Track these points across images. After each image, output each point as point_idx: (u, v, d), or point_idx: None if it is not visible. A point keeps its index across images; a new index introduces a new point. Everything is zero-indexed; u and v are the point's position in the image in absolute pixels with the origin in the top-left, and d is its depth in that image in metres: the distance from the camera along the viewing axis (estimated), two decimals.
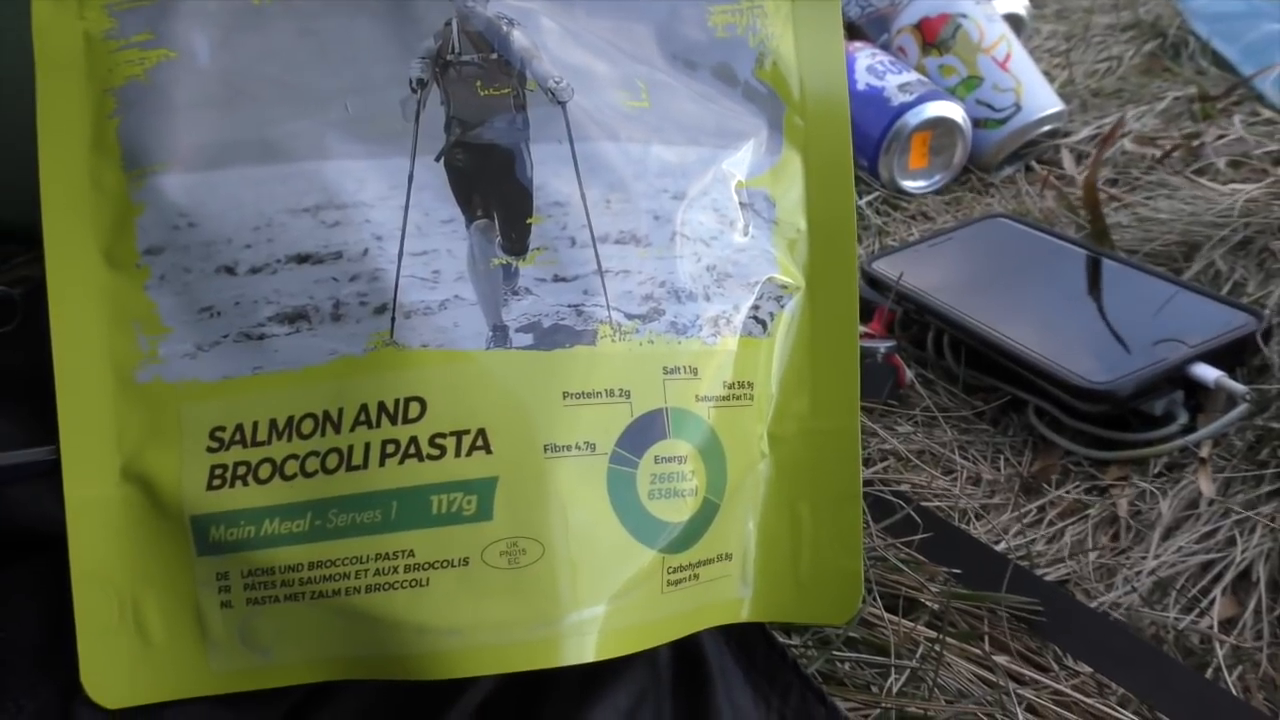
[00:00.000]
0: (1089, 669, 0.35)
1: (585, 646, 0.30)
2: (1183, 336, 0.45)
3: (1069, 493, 0.43)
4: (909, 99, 0.65)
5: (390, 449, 0.30)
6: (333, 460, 0.30)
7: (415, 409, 0.30)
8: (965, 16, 0.70)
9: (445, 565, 0.29)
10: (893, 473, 0.44)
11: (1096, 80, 0.79)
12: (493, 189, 0.32)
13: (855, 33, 0.77)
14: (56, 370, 0.31)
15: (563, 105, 0.33)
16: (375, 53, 0.32)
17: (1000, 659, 0.35)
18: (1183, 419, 0.44)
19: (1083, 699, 0.33)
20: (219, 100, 0.32)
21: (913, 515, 0.40)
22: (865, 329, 0.51)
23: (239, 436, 0.31)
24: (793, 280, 0.35)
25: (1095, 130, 0.70)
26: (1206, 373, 0.43)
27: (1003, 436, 0.46)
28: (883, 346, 0.48)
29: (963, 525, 0.41)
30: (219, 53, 0.32)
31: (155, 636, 0.31)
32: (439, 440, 0.30)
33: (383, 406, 0.30)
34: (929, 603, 0.37)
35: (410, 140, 0.32)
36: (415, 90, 0.32)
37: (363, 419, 0.30)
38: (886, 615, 0.36)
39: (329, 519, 0.30)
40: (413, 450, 0.30)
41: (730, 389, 0.33)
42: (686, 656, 0.33)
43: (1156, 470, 0.43)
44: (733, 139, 0.35)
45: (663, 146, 0.34)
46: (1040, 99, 0.68)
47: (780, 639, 0.34)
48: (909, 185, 0.67)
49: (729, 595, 0.34)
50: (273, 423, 0.31)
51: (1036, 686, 0.34)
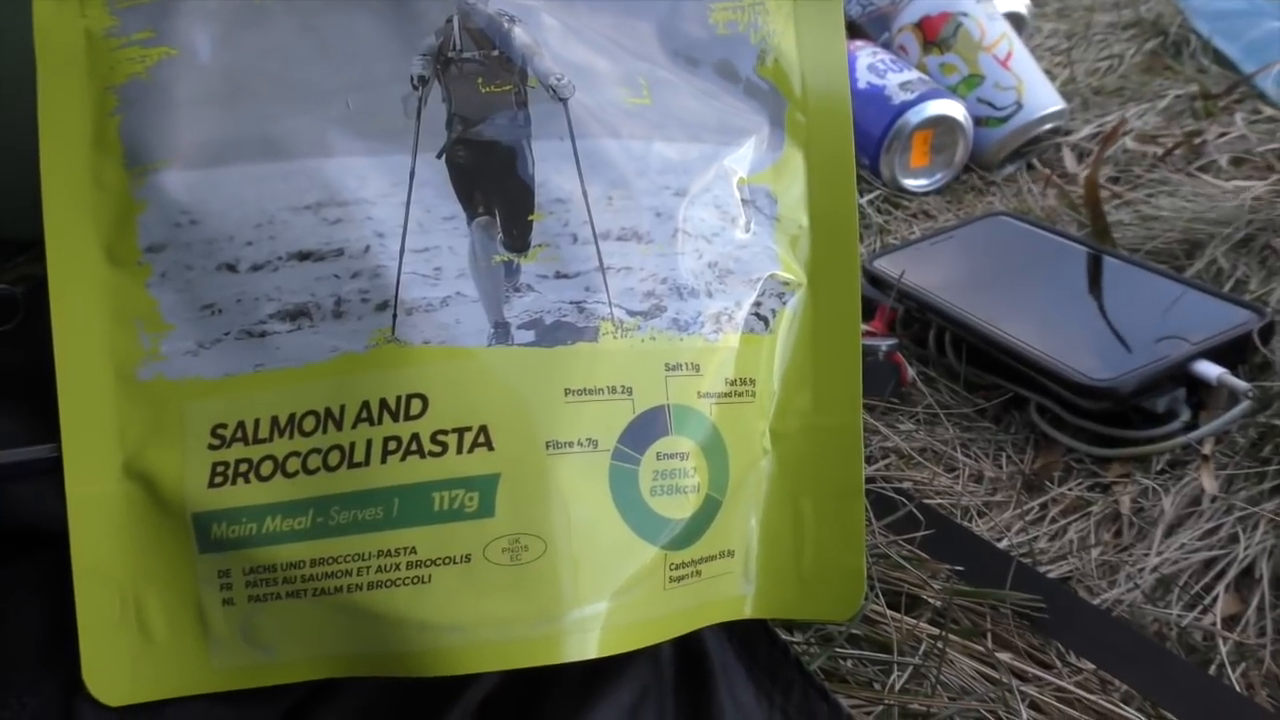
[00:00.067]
0: (1092, 666, 0.34)
1: (587, 643, 0.30)
2: (1185, 334, 0.45)
3: (1071, 490, 0.43)
4: (910, 97, 0.65)
5: (392, 446, 0.30)
6: (334, 457, 0.30)
7: (417, 406, 0.30)
8: (966, 15, 0.70)
9: (447, 562, 0.29)
10: (895, 470, 0.44)
11: (1098, 78, 0.78)
12: (494, 186, 0.32)
13: (856, 31, 0.77)
14: (58, 368, 0.31)
15: (564, 102, 0.33)
16: (376, 49, 0.32)
17: (1003, 656, 0.35)
18: (1185, 416, 0.44)
19: (1086, 696, 0.33)
20: (220, 97, 0.32)
21: (915, 512, 0.40)
22: (867, 327, 0.51)
23: (241, 434, 0.31)
24: (795, 277, 0.35)
25: (1097, 128, 0.70)
26: (1209, 370, 0.43)
27: (1005, 434, 0.46)
28: (884, 344, 0.48)
29: (965, 522, 0.41)
30: (220, 50, 0.32)
31: (157, 634, 0.31)
32: (441, 437, 0.30)
33: (384, 403, 0.30)
34: (931, 600, 0.37)
35: (412, 137, 0.32)
36: (417, 87, 0.32)
37: (364, 416, 0.30)
38: (889, 612, 0.36)
39: (331, 516, 0.30)
40: (414, 447, 0.30)
41: (732, 386, 0.33)
42: (689, 653, 0.33)
43: (1159, 467, 0.43)
44: (734, 135, 0.35)
45: (664, 143, 0.34)
46: (1041, 97, 0.68)
47: (783, 636, 0.34)
48: (910, 184, 0.67)
49: (731, 592, 0.34)
50: (274, 420, 0.31)
51: (1039, 683, 0.34)
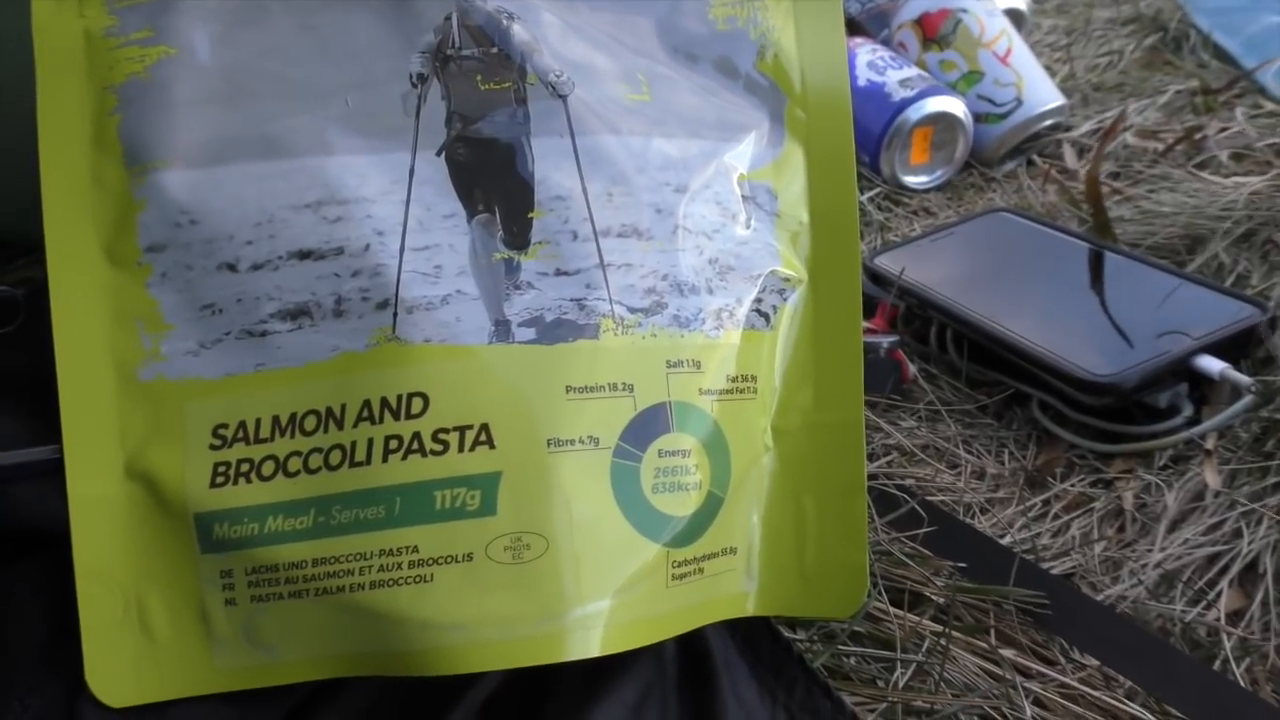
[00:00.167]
0: (1096, 662, 0.34)
1: (590, 641, 0.30)
2: (1187, 329, 0.45)
3: (1074, 486, 0.42)
4: (910, 94, 0.65)
5: (393, 445, 0.30)
6: (336, 457, 0.30)
7: (418, 404, 0.30)
8: (965, 11, 0.70)
9: (449, 561, 0.29)
10: (897, 467, 0.44)
11: (1098, 74, 0.78)
12: (494, 183, 0.32)
13: (856, 29, 0.77)
14: (59, 369, 0.31)
15: (563, 99, 0.33)
16: (375, 48, 0.32)
17: (1006, 652, 0.35)
18: (1187, 411, 0.44)
19: (1090, 692, 0.33)
20: (220, 96, 0.32)
21: (917, 509, 0.40)
22: (868, 324, 0.51)
23: (242, 433, 0.31)
24: (795, 273, 0.35)
25: (1097, 124, 0.70)
26: (1211, 365, 0.43)
27: (1007, 430, 0.46)
28: (886, 341, 0.48)
29: (968, 519, 0.41)
30: (219, 49, 0.32)
31: (160, 634, 0.31)
32: (442, 435, 0.30)
33: (385, 402, 0.30)
34: (934, 596, 0.37)
35: (411, 135, 0.32)
36: (416, 85, 0.32)
37: (366, 415, 0.30)
38: (892, 609, 0.36)
39: (332, 515, 0.30)
40: (416, 446, 0.30)
41: (733, 382, 0.33)
42: (691, 651, 0.33)
43: (1162, 463, 0.43)
44: (734, 132, 0.35)
45: (664, 140, 0.33)
46: (1041, 93, 0.68)
47: (785, 633, 0.34)
48: (910, 181, 0.67)
49: (734, 589, 0.34)
50: (275, 419, 0.31)
51: (1043, 680, 0.34)
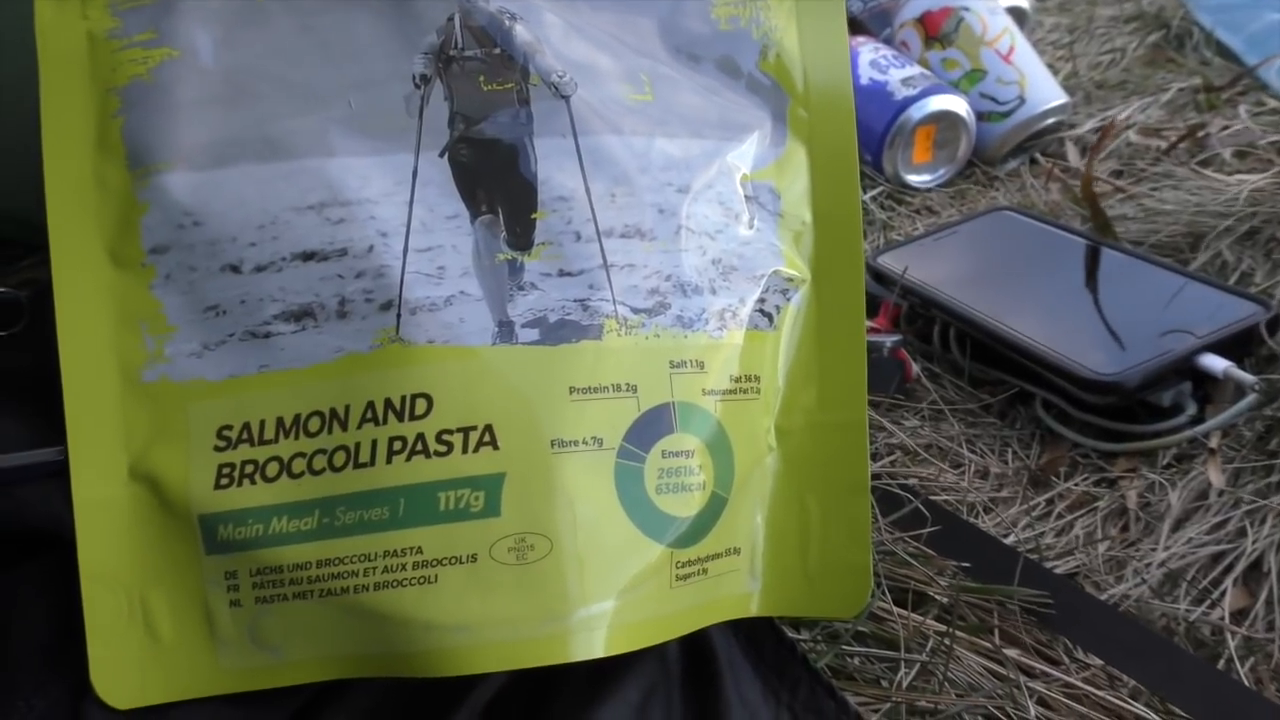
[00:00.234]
0: (1100, 661, 0.34)
1: (594, 642, 0.30)
2: (1190, 327, 0.44)
3: (1077, 485, 0.42)
4: (912, 93, 0.65)
5: (397, 446, 0.30)
6: (340, 458, 0.30)
7: (422, 405, 0.30)
8: (968, 10, 0.69)
9: (453, 562, 0.29)
10: (900, 466, 0.44)
11: (1100, 72, 0.78)
12: (497, 184, 0.32)
13: (858, 27, 0.77)
14: (63, 371, 0.31)
15: (566, 99, 0.33)
16: (378, 49, 0.32)
17: (1010, 652, 0.35)
18: (1191, 410, 0.44)
19: (1094, 691, 0.33)
20: (222, 98, 0.32)
21: (921, 509, 0.40)
22: (871, 324, 0.51)
23: (246, 435, 0.31)
24: (798, 273, 0.35)
25: (1100, 122, 0.69)
26: (1215, 363, 0.43)
27: (1010, 429, 0.46)
28: (889, 341, 0.48)
29: (971, 518, 0.41)
30: (222, 51, 0.32)
31: (164, 636, 0.31)
32: (446, 437, 0.30)
33: (389, 403, 0.30)
34: (938, 596, 0.37)
35: (414, 136, 0.32)
36: (418, 86, 0.32)
37: (369, 416, 0.30)
38: (896, 609, 0.36)
39: (337, 517, 0.30)
40: (420, 447, 0.30)
41: (737, 382, 0.33)
42: (695, 651, 0.33)
43: (1165, 461, 0.43)
44: (737, 132, 0.35)
45: (666, 140, 0.33)
46: (1044, 92, 0.68)
47: (789, 633, 0.34)
48: (913, 179, 0.67)
49: (737, 590, 0.34)
50: (279, 421, 0.31)
51: (1047, 679, 0.34)
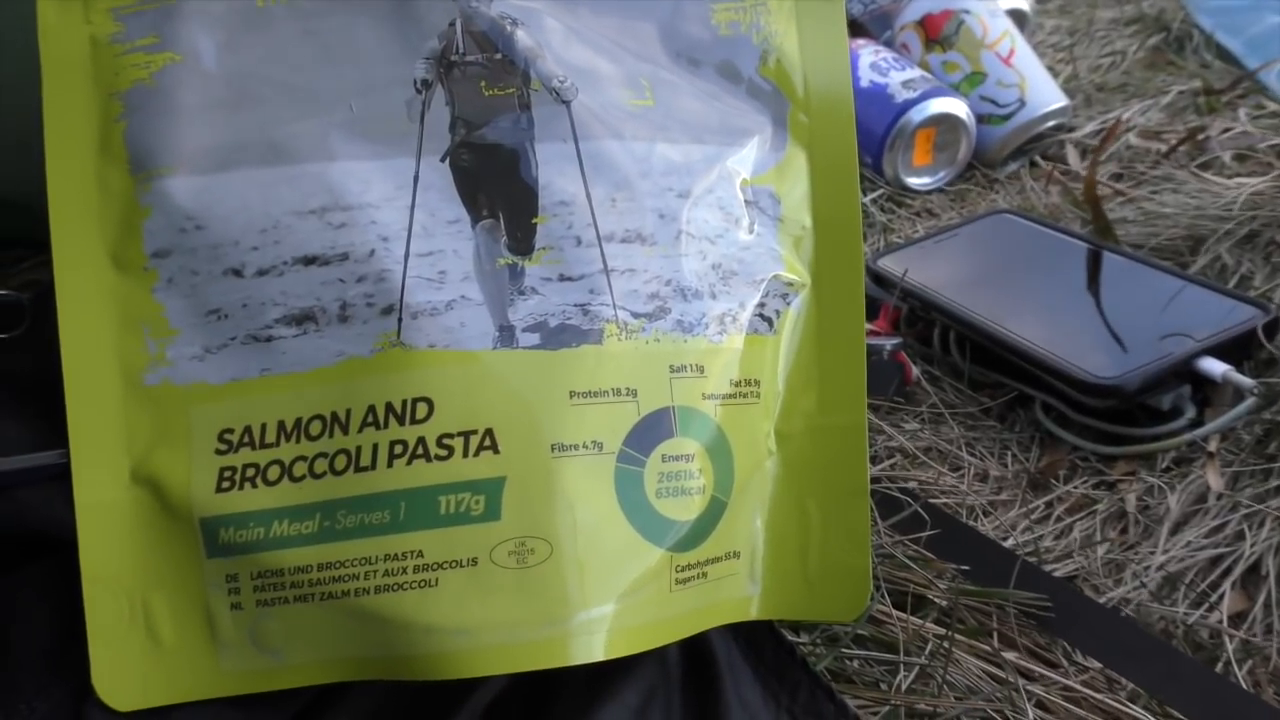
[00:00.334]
0: (1098, 664, 0.34)
1: (594, 645, 0.30)
2: (1189, 331, 0.45)
3: (1076, 488, 0.42)
4: (913, 96, 0.65)
5: (398, 450, 0.30)
6: (341, 461, 0.30)
7: (423, 409, 0.30)
8: (968, 12, 0.70)
9: (454, 565, 0.29)
10: (900, 470, 0.44)
11: (1100, 75, 0.78)
12: (498, 189, 0.32)
13: (858, 30, 0.77)
14: (65, 374, 0.32)
15: (567, 104, 0.33)
16: (379, 53, 0.32)
17: (1009, 655, 0.35)
18: (1190, 413, 0.44)
19: (1092, 694, 0.33)
20: (224, 103, 0.32)
21: (920, 512, 0.40)
22: (871, 327, 0.51)
23: (247, 438, 0.31)
24: (799, 277, 0.35)
25: (1100, 125, 0.69)
26: (1214, 366, 0.43)
27: (1010, 433, 0.46)
28: (888, 344, 0.48)
29: (970, 522, 0.41)
30: (224, 55, 0.32)
31: (166, 638, 0.31)
32: (446, 441, 0.30)
33: (390, 407, 0.30)
34: (937, 599, 0.37)
35: (415, 141, 0.32)
36: (420, 91, 0.32)
37: (370, 420, 0.30)
38: (895, 612, 0.36)
39: (337, 520, 0.30)
40: (420, 451, 0.30)
41: (737, 387, 0.33)
42: (695, 654, 0.33)
43: (1164, 465, 0.43)
44: (737, 136, 0.35)
45: (667, 145, 0.34)
46: (1044, 94, 0.68)
47: (789, 637, 0.34)
48: (913, 182, 0.67)
49: (737, 593, 0.34)
50: (281, 424, 0.31)
51: (1046, 682, 0.34)
